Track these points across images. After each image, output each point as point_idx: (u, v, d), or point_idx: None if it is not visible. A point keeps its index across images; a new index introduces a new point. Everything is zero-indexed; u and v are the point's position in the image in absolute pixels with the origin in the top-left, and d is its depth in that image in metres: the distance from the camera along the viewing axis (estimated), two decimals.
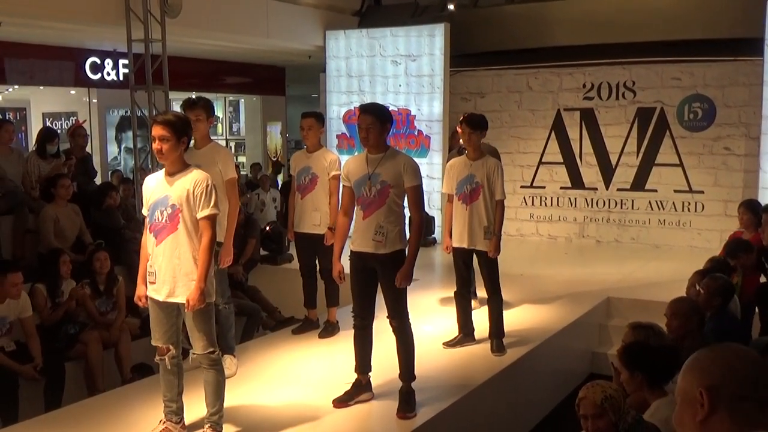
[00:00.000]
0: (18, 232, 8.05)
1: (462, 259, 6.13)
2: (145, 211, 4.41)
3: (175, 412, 4.51)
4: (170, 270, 4.26)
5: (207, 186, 4.26)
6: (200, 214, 4.24)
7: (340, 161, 6.31)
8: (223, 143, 16.46)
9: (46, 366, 6.10)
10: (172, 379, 4.47)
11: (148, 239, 4.37)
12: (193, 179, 4.26)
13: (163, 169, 4.36)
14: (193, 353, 4.42)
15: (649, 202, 10.82)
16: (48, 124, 13.32)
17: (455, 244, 6.11)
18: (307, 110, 6.79)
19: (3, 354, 5.98)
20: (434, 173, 10.94)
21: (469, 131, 5.99)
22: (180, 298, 4.27)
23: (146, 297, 4.41)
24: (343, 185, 4.99)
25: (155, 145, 4.23)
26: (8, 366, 5.89)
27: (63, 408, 5.49)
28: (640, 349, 3.83)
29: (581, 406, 3.43)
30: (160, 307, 4.36)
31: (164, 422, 4.49)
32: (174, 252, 4.26)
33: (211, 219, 4.27)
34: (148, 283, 4.36)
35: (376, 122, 4.73)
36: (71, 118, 13.65)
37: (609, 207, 11.09)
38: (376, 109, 4.85)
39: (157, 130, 4.21)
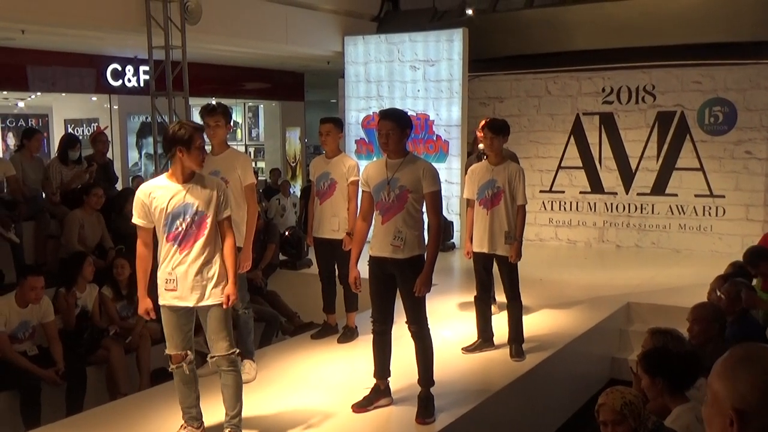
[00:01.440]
0: (40, 237, 8.14)
1: (482, 263, 6.12)
2: (142, 222, 4.32)
3: (195, 417, 4.53)
4: (200, 276, 4.28)
5: (225, 189, 4.44)
6: (224, 216, 4.36)
7: (359, 167, 6.33)
8: (243, 149, 16.54)
9: (68, 370, 6.14)
10: (190, 385, 4.49)
11: (162, 248, 4.32)
12: (216, 184, 4.39)
13: (164, 177, 4.35)
14: (211, 357, 4.43)
15: (670, 207, 10.75)
16: (70, 130, 13.46)
17: (475, 249, 6.10)
18: (325, 116, 6.81)
19: (26, 358, 6.04)
20: (453, 178, 10.94)
21: (491, 135, 5.99)
22: (211, 300, 4.31)
23: (153, 309, 4.38)
24: (363, 190, 4.99)
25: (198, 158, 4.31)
26: (31, 370, 5.95)
27: (84, 412, 5.54)
28: (661, 355, 3.80)
29: (601, 412, 3.41)
30: (179, 314, 4.36)
31: (185, 427, 4.52)
32: (202, 257, 4.28)
33: (230, 220, 4.46)
34: (165, 292, 4.33)
35: (396, 128, 4.73)
36: (93, 124, 13.79)
37: (629, 211, 11.03)
38: (396, 114, 4.85)
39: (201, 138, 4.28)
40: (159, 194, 4.28)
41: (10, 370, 5.90)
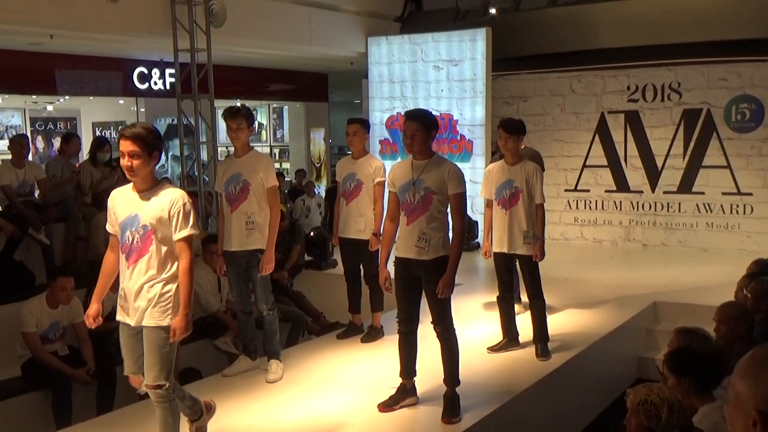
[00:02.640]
0: (70, 239, 8.25)
1: (503, 263, 6.12)
2: (110, 229, 4.07)
3: (195, 413, 4.42)
4: (141, 295, 3.92)
5: (184, 204, 3.93)
6: (178, 236, 3.90)
7: (385, 167, 6.35)
8: (268, 150, 16.64)
9: (98, 370, 6.23)
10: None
11: (120, 260, 4.02)
12: (169, 198, 3.93)
13: (130, 185, 4.03)
14: (145, 385, 4.01)
15: (697, 205, 10.66)
16: (98, 133, 13.64)
17: (496, 249, 6.11)
18: (350, 116, 6.83)
19: (57, 358, 6.13)
20: (477, 178, 10.90)
21: (505, 136, 5.99)
22: (145, 322, 3.92)
23: (98, 316, 4.09)
24: (389, 191, 5.02)
25: (124, 162, 3.88)
26: (62, 370, 6.04)
27: (114, 411, 5.62)
28: (687, 354, 3.79)
29: (628, 399, 3.45)
30: (130, 333, 4.04)
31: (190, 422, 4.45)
32: (145, 275, 3.91)
33: (189, 240, 3.95)
34: (118, 306, 4.05)
35: (420, 129, 4.75)
36: (120, 127, 13.94)
37: (655, 210, 10.95)
38: (421, 115, 4.86)
39: (125, 145, 3.85)
40: (117, 202, 4.04)
41: (41, 370, 6.02)
